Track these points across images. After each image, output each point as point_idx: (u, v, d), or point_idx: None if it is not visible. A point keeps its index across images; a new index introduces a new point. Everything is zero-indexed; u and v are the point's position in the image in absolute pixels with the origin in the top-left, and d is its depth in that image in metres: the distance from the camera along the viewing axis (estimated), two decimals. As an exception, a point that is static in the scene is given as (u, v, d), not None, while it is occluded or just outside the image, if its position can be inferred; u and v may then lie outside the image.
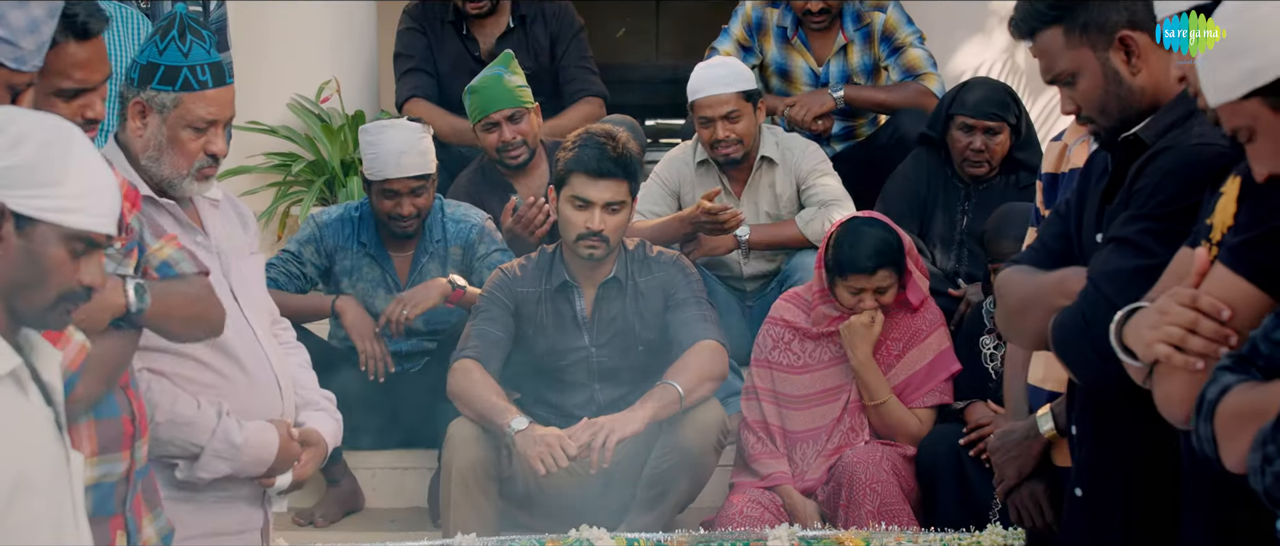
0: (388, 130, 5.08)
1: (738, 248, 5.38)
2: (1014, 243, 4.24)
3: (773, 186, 5.44)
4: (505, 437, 4.41)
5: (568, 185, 4.59)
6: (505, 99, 5.33)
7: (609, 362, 4.72)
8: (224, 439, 3.37)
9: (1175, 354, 2.34)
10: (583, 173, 4.56)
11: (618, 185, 4.58)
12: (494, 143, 5.37)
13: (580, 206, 4.58)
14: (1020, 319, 2.92)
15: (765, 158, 5.43)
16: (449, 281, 4.99)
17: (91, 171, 2.31)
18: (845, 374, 4.77)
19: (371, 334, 4.96)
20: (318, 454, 3.60)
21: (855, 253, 4.65)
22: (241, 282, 3.52)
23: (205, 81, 3.36)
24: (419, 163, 5.05)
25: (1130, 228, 2.69)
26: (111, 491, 2.86)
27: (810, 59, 6.05)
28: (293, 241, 5.18)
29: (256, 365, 3.47)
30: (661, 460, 4.51)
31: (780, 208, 5.44)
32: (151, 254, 3.09)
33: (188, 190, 3.42)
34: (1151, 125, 2.78)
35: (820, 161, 5.47)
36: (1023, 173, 5.34)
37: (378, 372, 4.93)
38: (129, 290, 2.92)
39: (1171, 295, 2.38)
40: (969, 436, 4.58)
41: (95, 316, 2.81)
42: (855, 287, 4.68)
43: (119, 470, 2.88)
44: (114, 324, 2.90)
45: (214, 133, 3.40)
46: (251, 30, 6.07)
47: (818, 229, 5.24)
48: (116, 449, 2.88)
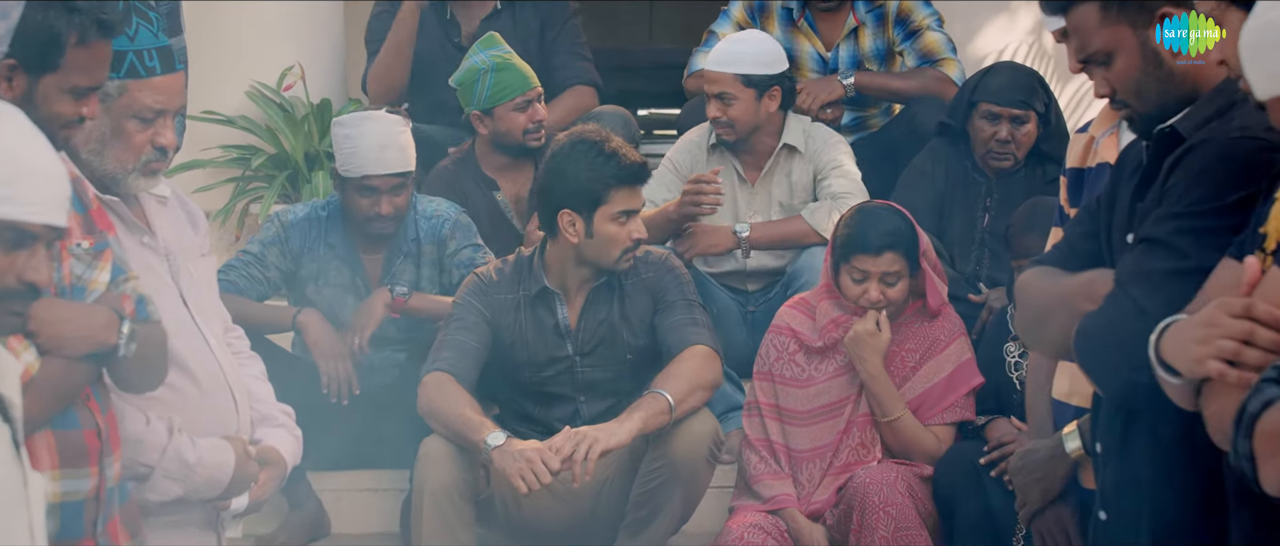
0: (366, 122, 5.08)
1: (737, 245, 5.37)
2: (1041, 239, 4.23)
3: (789, 175, 5.47)
4: (481, 454, 4.40)
5: (608, 202, 4.58)
6: (534, 78, 5.48)
7: (595, 373, 4.73)
8: (175, 457, 3.36)
9: (1228, 370, 2.30)
10: (626, 186, 4.60)
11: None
12: (525, 123, 5.44)
13: (624, 221, 4.60)
14: (1041, 324, 2.91)
15: (788, 146, 5.45)
16: (390, 289, 5.02)
17: (24, 154, 2.29)
18: (851, 385, 4.77)
19: (337, 353, 4.95)
20: (277, 473, 3.61)
21: (862, 230, 4.67)
22: (192, 287, 3.52)
23: (153, 67, 3.36)
24: (400, 158, 5.05)
25: (1163, 227, 2.68)
26: (79, 512, 2.87)
27: (818, 43, 6.06)
28: (255, 242, 5.17)
29: (209, 377, 3.47)
30: (650, 476, 4.50)
31: (795, 199, 5.45)
32: (130, 282, 3.08)
33: (133, 186, 3.42)
34: (1190, 116, 2.77)
35: (843, 154, 5.48)
36: (1050, 165, 5.35)
37: (342, 396, 4.94)
38: (123, 330, 2.93)
39: (1220, 305, 2.34)
40: (990, 455, 4.58)
41: (76, 341, 2.83)
42: (860, 271, 4.69)
43: (85, 488, 2.89)
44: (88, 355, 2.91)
45: (162, 124, 3.40)
46: (206, 12, 6.07)
47: (824, 220, 5.25)
48: (81, 464, 2.88)
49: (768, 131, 5.44)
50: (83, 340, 2.85)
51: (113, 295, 2.98)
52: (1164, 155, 2.76)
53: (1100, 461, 2.91)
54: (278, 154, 6.29)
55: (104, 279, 2.99)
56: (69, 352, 2.82)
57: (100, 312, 2.91)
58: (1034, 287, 2.95)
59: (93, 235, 2.98)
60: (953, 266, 5.31)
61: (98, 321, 2.90)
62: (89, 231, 2.99)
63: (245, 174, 6.30)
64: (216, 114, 6.30)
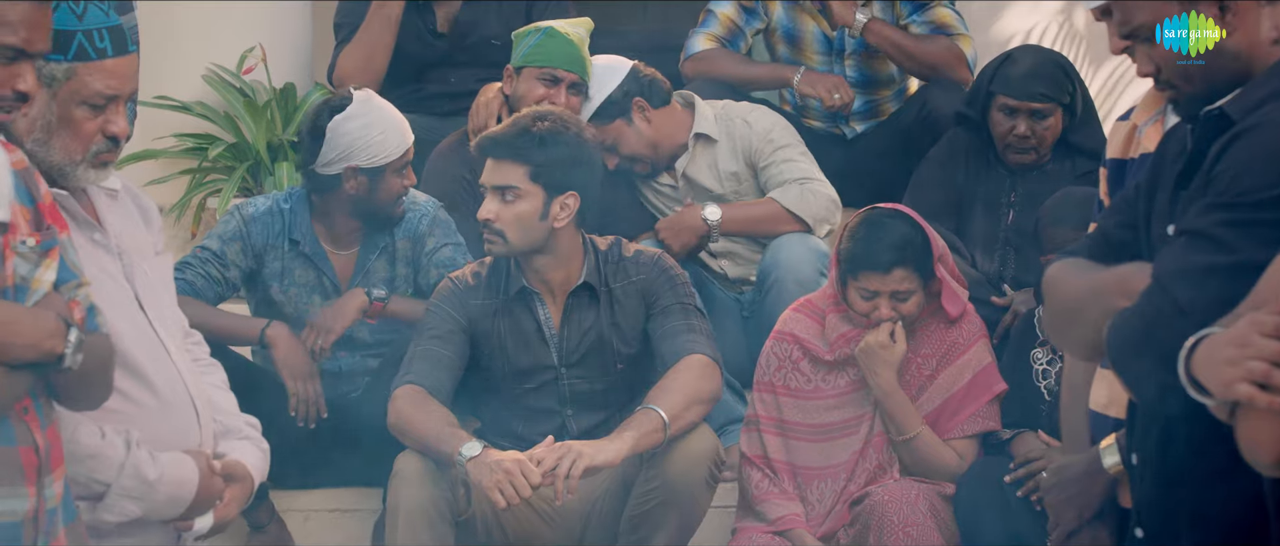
0: (372, 102, 5.09)
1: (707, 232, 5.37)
2: (1073, 232, 4.24)
3: (714, 166, 5.51)
4: (456, 467, 4.40)
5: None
6: (582, 67, 5.43)
7: (582, 385, 4.73)
8: (134, 474, 3.34)
9: (1259, 394, 2.30)
10: (481, 152, 4.71)
11: (511, 168, 4.63)
12: (538, 97, 5.38)
13: (482, 193, 4.69)
14: (1071, 322, 2.90)
15: (701, 136, 5.51)
16: (366, 292, 5.02)
17: None
18: (866, 402, 4.78)
19: (307, 373, 4.95)
20: (243, 491, 3.59)
21: (869, 245, 4.66)
22: (147, 287, 3.50)
23: (103, 49, 3.34)
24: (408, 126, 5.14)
25: (1207, 219, 2.66)
26: (16, 534, 2.85)
27: (823, 22, 6.07)
28: (213, 237, 5.16)
29: (168, 385, 3.46)
30: (644, 498, 4.51)
31: (726, 191, 5.46)
32: (82, 288, 3.05)
33: (82, 179, 3.39)
34: (1241, 98, 2.75)
35: (779, 133, 5.52)
36: (1080, 158, 5.35)
37: (309, 419, 4.94)
38: (71, 339, 2.91)
39: (1252, 322, 2.34)
40: (1017, 472, 4.59)
41: (17, 348, 2.81)
42: (868, 289, 4.68)
43: (22, 508, 2.87)
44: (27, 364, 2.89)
45: (114, 110, 3.38)
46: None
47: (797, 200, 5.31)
48: (17, 483, 2.87)
49: (670, 139, 5.52)
50: (26, 347, 2.83)
51: (57, 298, 2.96)
52: (1211, 140, 2.74)
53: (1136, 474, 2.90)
54: (237, 143, 6.27)
55: (49, 278, 2.97)
56: (8, 360, 2.81)
57: (47, 318, 2.90)
58: (1064, 282, 2.94)
59: (41, 231, 2.97)
60: (974, 266, 5.31)
61: (44, 327, 2.88)
62: (37, 227, 2.98)
63: (202, 165, 6.28)
64: (170, 99, 6.28)
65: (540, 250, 4.66)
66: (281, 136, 6.23)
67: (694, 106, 5.58)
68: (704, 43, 6.13)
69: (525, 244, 4.64)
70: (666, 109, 5.54)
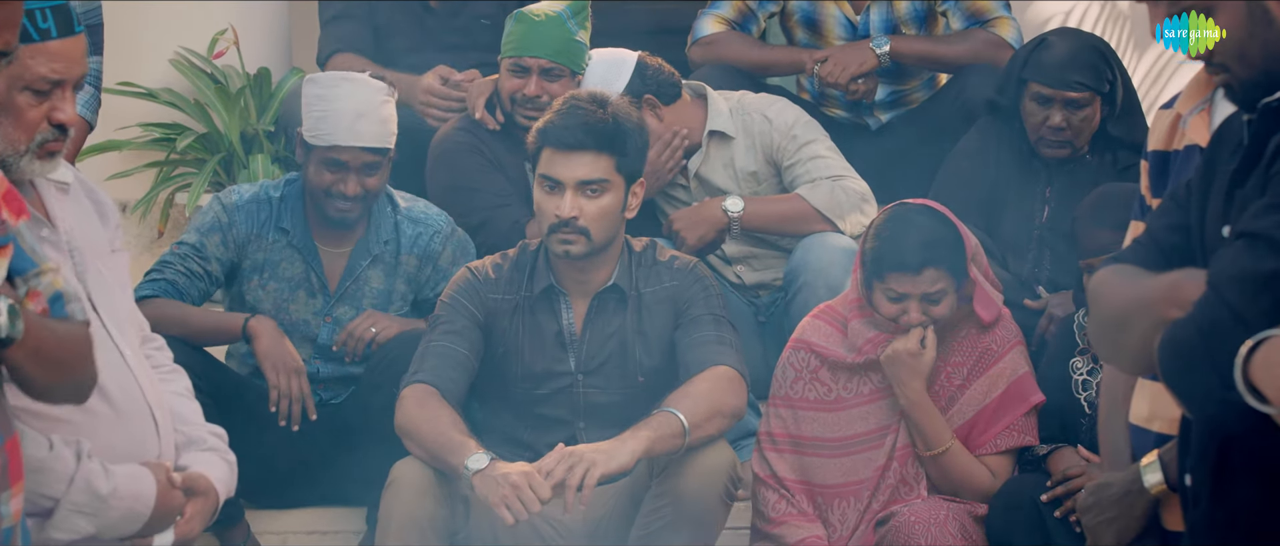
0: (344, 84, 5.09)
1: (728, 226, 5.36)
2: (1113, 233, 4.23)
3: (730, 165, 5.50)
4: (462, 480, 4.38)
5: (539, 163, 4.65)
6: (552, 48, 5.39)
7: (599, 396, 4.74)
8: (85, 488, 3.34)
9: None
10: (552, 146, 4.61)
11: (596, 160, 4.60)
12: (511, 89, 5.42)
13: (551, 189, 4.60)
14: (1118, 333, 2.90)
15: (715, 133, 5.50)
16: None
17: None
18: (892, 411, 4.77)
19: (293, 368, 4.95)
20: (206, 505, 3.60)
21: (897, 243, 4.65)
22: (101, 288, 3.51)
23: (46, 30, 3.34)
24: (378, 133, 5.06)
25: (1266, 220, 2.64)
26: None
27: (846, 7, 6.05)
28: (192, 230, 5.16)
29: (125, 393, 3.47)
30: (654, 515, 4.49)
31: (743, 188, 5.45)
32: (44, 276, 3.04)
33: (27, 171, 3.40)
34: (1304, 88, 2.76)
35: (802, 128, 5.50)
36: (1121, 152, 5.36)
37: (293, 419, 4.93)
38: (1, 307, 2.88)
39: None
40: (1055, 491, 4.59)
41: None
42: (896, 291, 4.67)
43: None
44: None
45: (61, 96, 3.38)
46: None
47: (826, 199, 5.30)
48: None
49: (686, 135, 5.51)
50: None
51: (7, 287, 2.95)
52: (1270, 134, 2.73)
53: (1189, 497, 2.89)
54: (208, 134, 6.30)
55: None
56: None
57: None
58: (1110, 290, 2.94)
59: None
60: (1005, 267, 5.30)
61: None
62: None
63: (170, 157, 6.30)
64: (135, 86, 6.30)
65: (607, 247, 4.68)
66: (256, 126, 6.26)
67: (706, 99, 5.56)
68: (713, 25, 6.11)
69: (606, 240, 4.67)
70: (677, 104, 5.50)
